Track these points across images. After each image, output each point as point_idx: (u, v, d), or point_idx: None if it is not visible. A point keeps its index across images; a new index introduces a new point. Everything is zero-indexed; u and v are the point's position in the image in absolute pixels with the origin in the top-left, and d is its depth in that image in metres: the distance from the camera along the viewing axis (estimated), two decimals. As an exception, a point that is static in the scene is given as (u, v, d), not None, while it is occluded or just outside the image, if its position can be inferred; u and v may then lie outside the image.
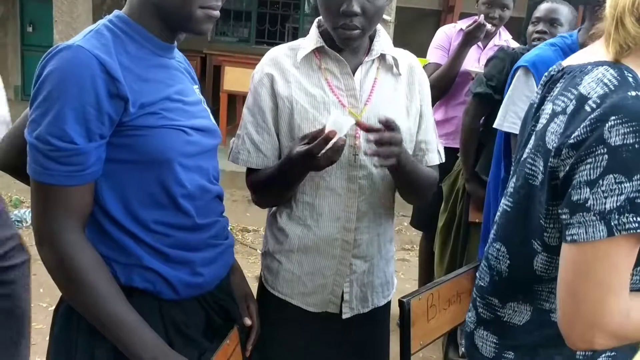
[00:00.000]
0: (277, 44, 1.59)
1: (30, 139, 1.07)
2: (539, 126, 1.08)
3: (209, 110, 1.32)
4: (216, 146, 1.31)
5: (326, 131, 1.23)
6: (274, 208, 1.57)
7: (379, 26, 1.49)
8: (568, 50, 1.70)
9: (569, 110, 0.99)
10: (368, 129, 1.27)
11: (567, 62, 1.11)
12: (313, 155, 1.25)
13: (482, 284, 1.23)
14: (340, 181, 1.43)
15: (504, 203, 1.18)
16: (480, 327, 1.22)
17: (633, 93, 0.91)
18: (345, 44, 1.40)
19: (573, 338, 0.96)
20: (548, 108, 1.06)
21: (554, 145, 0.99)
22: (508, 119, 1.69)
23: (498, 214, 1.21)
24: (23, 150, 1.12)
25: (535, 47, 1.84)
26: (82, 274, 1.09)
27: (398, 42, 1.54)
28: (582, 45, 1.69)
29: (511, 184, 1.16)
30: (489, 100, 2.53)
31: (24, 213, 4.55)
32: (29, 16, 8.19)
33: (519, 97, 1.68)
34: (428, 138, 1.53)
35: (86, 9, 5.34)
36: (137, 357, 1.12)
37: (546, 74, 1.16)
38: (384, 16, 5.11)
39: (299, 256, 1.49)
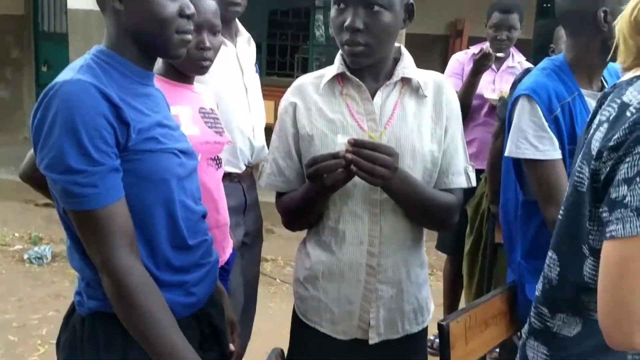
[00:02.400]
0: (287, 75, 1.65)
1: (57, 175, 1.10)
2: (588, 137, 1.12)
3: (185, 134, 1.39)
4: (196, 167, 1.37)
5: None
6: (304, 235, 1.58)
7: (404, 49, 1.51)
8: (558, 70, 1.76)
9: (611, 117, 1.04)
10: (355, 144, 1.28)
11: (620, 80, 1.16)
12: (319, 175, 1.31)
13: (537, 294, 1.25)
14: (362, 205, 1.43)
15: (560, 213, 1.21)
16: (532, 337, 1.24)
17: None
18: (353, 62, 1.41)
19: (612, 336, 0.97)
20: (597, 120, 1.11)
21: (596, 149, 1.04)
22: (520, 146, 1.70)
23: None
24: None
25: (528, 74, 1.88)
26: (137, 300, 1.12)
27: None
28: (575, 65, 1.74)
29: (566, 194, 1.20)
30: None
31: (44, 250, 4.57)
32: (43, 56, 8.33)
33: (526, 123, 1.70)
34: (450, 159, 1.49)
35: (101, 46, 5.44)
36: None
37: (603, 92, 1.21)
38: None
39: (324, 283, 1.49)
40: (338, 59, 1.49)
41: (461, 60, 3.24)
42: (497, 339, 1.66)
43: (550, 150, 1.66)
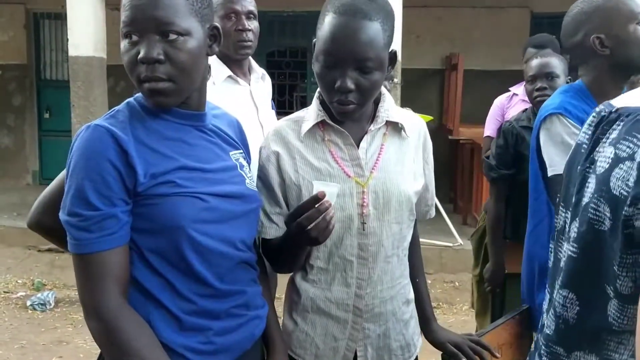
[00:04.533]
0: (286, 113, 1.63)
1: (63, 217, 1.14)
2: (599, 170, 1.05)
3: (245, 175, 1.34)
4: (250, 211, 1.32)
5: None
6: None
7: (384, 90, 1.50)
8: (580, 93, 1.79)
9: (637, 157, 0.96)
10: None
11: (619, 103, 1.11)
12: (304, 229, 1.26)
13: (548, 332, 1.19)
14: (351, 249, 1.44)
15: (568, 249, 1.14)
16: None
17: None
18: (342, 117, 1.41)
19: None
20: (608, 152, 1.04)
21: (624, 193, 0.97)
22: (559, 162, 1.69)
23: (563, 259, 1.17)
24: (52, 210, 1.20)
25: (550, 97, 1.89)
26: (125, 342, 1.12)
27: (405, 101, 1.58)
28: (592, 89, 1.77)
29: (573, 228, 1.12)
30: (506, 179, 2.55)
31: (47, 295, 4.57)
32: (45, 103, 8.45)
33: (561, 139, 1.72)
34: (431, 196, 1.64)
35: (102, 92, 5.50)
36: None
37: (594, 114, 1.15)
38: (390, 78, 5.20)
39: (313, 316, 1.50)
40: (316, 103, 1.48)
41: (500, 104, 3.34)
42: (503, 370, 1.64)
43: None
